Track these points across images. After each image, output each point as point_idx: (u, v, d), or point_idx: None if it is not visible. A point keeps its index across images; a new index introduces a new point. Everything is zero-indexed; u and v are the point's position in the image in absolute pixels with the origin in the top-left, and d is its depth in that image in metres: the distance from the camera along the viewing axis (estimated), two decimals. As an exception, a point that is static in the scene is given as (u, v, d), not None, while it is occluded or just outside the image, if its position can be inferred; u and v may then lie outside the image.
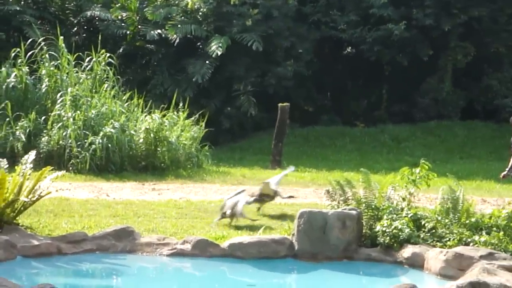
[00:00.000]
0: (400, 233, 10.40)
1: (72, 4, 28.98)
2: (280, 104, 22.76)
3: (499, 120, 29.09)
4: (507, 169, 13.63)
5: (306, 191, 17.41)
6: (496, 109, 29.33)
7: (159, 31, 27.66)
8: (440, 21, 28.74)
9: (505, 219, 10.72)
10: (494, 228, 10.58)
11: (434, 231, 10.60)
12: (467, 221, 10.73)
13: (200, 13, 28.35)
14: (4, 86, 20.64)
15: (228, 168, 21.30)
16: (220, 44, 26.83)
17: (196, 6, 28.23)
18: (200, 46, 28.31)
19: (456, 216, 10.79)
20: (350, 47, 31.82)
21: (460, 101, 30.14)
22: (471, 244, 10.17)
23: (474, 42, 29.50)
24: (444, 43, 29.44)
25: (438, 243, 10.38)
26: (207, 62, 27.32)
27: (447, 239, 10.38)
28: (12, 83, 20.76)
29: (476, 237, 10.27)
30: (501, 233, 10.38)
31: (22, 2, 28.07)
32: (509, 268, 9.35)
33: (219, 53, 26.61)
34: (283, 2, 29.03)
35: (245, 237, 10.72)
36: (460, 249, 9.81)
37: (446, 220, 10.76)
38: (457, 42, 29.40)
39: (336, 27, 29.48)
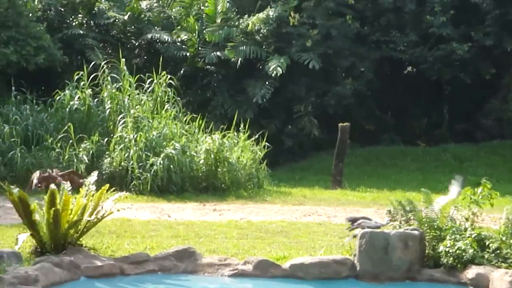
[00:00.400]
0: (463, 254, 10.26)
1: (133, 27, 29.34)
2: (340, 124, 22.70)
3: None
4: None
5: (368, 211, 17.28)
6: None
7: (218, 53, 27.83)
8: (502, 40, 28.38)
9: None
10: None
11: (498, 251, 10.44)
12: (532, 242, 10.54)
13: (260, 35, 28.47)
14: (67, 109, 21.05)
15: (288, 188, 21.28)
16: (279, 63, 26.90)
17: (256, 28, 28.36)
18: (260, 67, 28.40)
19: (522, 236, 10.61)
20: (410, 67, 31.59)
21: (524, 121, 29.71)
22: (539, 264, 10.00)
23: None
24: (507, 62, 29.05)
25: (503, 263, 10.21)
26: (267, 83, 27.39)
27: (512, 260, 10.21)
28: (76, 106, 21.14)
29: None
30: None
31: (85, 26, 28.55)
32: None
33: (279, 72, 26.66)
34: (342, 22, 29.00)
35: (306, 258, 10.69)
36: (526, 270, 9.64)
37: (511, 241, 10.58)
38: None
39: (396, 48, 29.31)
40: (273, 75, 26.84)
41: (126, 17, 28.77)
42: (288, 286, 10.15)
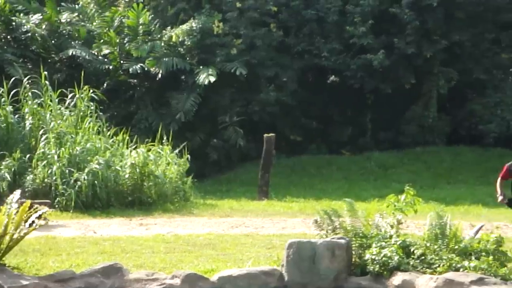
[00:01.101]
0: (389, 261, 10.35)
1: (53, 41, 28.95)
2: (265, 135, 22.76)
3: (484, 144, 29.20)
4: (499, 195, 13.53)
5: (294, 221, 17.34)
6: (480, 134, 29.44)
7: (141, 64, 27.66)
8: (422, 48, 28.91)
9: (494, 244, 10.68)
10: (483, 253, 10.55)
11: (423, 257, 10.55)
12: (456, 247, 10.70)
13: (184, 46, 28.41)
14: (-13, 126, 20.56)
15: (215, 200, 21.23)
16: (209, 72, 26.93)
17: (180, 39, 28.28)
18: (184, 79, 28.33)
19: (445, 241, 10.76)
20: (333, 75, 32.00)
21: (445, 127, 30.26)
22: (461, 269, 10.13)
23: (457, 67, 29.67)
24: (427, 70, 29.61)
25: (428, 269, 10.32)
26: (191, 96, 27.33)
27: (437, 265, 10.33)
28: (-4, 123, 20.67)
29: (466, 263, 10.22)
30: (490, 257, 10.34)
31: (3, 41, 28.04)
32: (500, 293, 9.33)
33: (212, 80, 26.66)
34: (266, 31, 29.15)
35: (234, 270, 10.64)
36: (450, 275, 9.76)
37: (435, 246, 10.72)
38: (440, 68, 29.58)
39: (320, 55, 29.59)
40: (205, 84, 26.78)
41: (44, 30, 28.33)
42: (216, 299, 10.08)
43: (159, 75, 27.83)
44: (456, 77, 29.60)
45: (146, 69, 27.75)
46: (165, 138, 21.52)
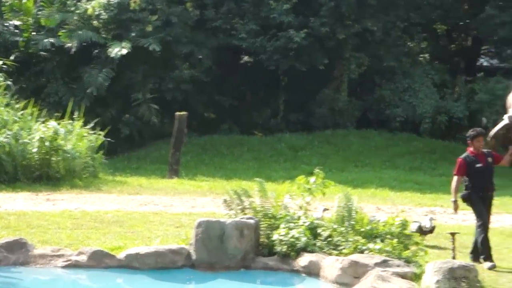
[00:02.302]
0: (297, 242, 10.47)
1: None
2: (177, 113, 22.65)
3: (391, 129, 29.76)
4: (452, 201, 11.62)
5: (204, 200, 17.36)
6: (388, 118, 30.00)
7: (53, 39, 27.09)
8: (335, 31, 29.19)
9: (398, 227, 10.93)
10: (388, 236, 10.78)
11: (330, 239, 10.72)
12: (362, 229, 10.89)
13: (100, 20, 27.99)
14: None
15: (125, 177, 21.05)
16: (122, 46, 26.60)
17: (96, 13, 27.84)
18: (97, 54, 27.92)
19: (351, 224, 10.93)
20: (248, 56, 32.04)
21: (355, 110, 30.69)
22: (366, 251, 10.33)
23: (368, 53, 30.08)
24: (339, 53, 29.93)
25: (334, 251, 10.49)
26: (104, 70, 26.97)
27: (343, 247, 10.50)
28: None
29: (371, 245, 10.43)
30: (395, 240, 10.57)
31: None
32: (402, 275, 9.54)
33: (124, 53, 26.34)
34: (183, 9, 28.95)
35: (142, 248, 10.60)
36: (355, 257, 9.94)
37: (342, 228, 10.88)
38: (352, 53, 29.94)
39: (236, 36, 29.57)
40: (117, 57, 26.43)
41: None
42: (123, 277, 10.04)
43: (73, 49, 27.30)
44: (367, 62, 30.02)
45: (58, 44, 27.16)
46: (76, 113, 21.19)
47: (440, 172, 25.33)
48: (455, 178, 11.62)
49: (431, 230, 12.56)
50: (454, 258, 10.71)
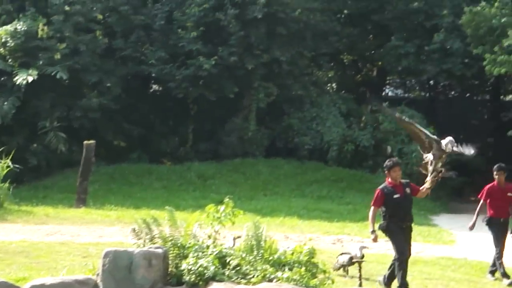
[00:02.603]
0: (205, 271, 10.46)
1: None
2: (85, 142, 22.43)
3: (300, 157, 30.08)
4: (371, 232, 11.88)
5: (112, 229, 17.20)
6: (297, 147, 30.32)
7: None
8: (244, 60, 29.42)
9: (306, 255, 11.03)
10: (296, 264, 10.87)
11: (239, 268, 10.73)
12: (271, 258, 10.95)
13: (7, 47, 27.53)
14: None
15: (31, 207, 20.68)
16: (29, 73, 26.24)
17: (3, 40, 27.40)
18: (3, 82, 27.44)
19: (260, 253, 10.99)
20: (157, 85, 31.92)
21: (264, 139, 30.91)
22: (275, 280, 10.38)
23: (276, 82, 30.39)
24: (248, 83, 30.14)
25: (243, 280, 10.50)
26: (10, 99, 26.52)
27: (252, 276, 10.53)
28: None
29: (279, 274, 10.49)
30: (303, 269, 10.67)
31: None
32: (310, 302, 9.63)
33: (30, 80, 25.98)
34: (92, 37, 28.74)
35: (48, 278, 10.41)
36: (264, 285, 9.99)
37: (251, 257, 10.92)
38: (261, 82, 30.19)
39: (146, 62, 29.47)
40: (23, 85, 26.05)
41: None
42: (27, 309, 9.83)
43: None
44: (275, 92, 30.31)
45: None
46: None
47: (347, 201, 25.71)
48: (372, 208, 11.75)
49: (362, 258, 12.68)
50: (360, 285, 10.89)
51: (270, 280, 10.38)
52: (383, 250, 16.89)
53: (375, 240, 11.66)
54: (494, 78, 28.50)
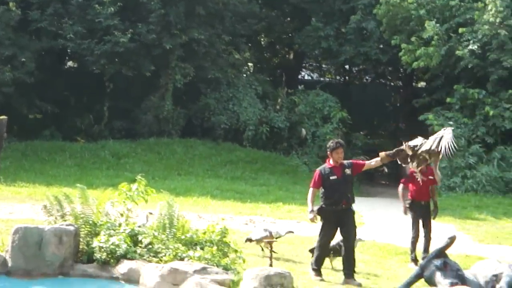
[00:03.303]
0: (117, 249, 10.47)
1: None
2: (-3, 117, 21.98)
3: (215, 137, 30.15)
4: (309, 212, 11.61)
5: (23, 206, 16.97)
6: (213, 126, 30.37)
7: None
8: (162, 40, 29.24)
9: (218, 235, 11.15)
10: (208, 244, 10.97)
11: (150, 246, 10.78)
12: (183, 237, 11.02)
13: None
14: None
15: None
16: None
17: None
18: None
19: (172, 231, 11.05)
20: (72, 61, 31.37)
21: (180, 119, 30.83)
22: (186, 259, 10.47)
23: (194, 63, 30.31)
24: (166, 62, 29.97)
25: (154, 258, 10.56)
26: None
27: (163, 254, 10.60)
28: None
29: (191, 252, 10.58)
30: (214, 248, 10.78)
31: None
32: (220, 282, 9.74)
33: None
34: (4, 9, 28.06)
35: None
36: (175, 264, 10.05)
37: (163, 236, 10.98)
38: (178, 62, 30.05)
39: (64, 36, 28.91)
40: None
41: None
42: None
43: None
44: (192, 73, 30.22)
45: None
46: None
47: (261, 182, 25.92)
48: (310, 190, 11.70)
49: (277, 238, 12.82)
50: (271, 265, 11.05)
51: (182, 259, 10.45)
52: (295, 231, 17.15)
53: (312, 220, 11.57)
54: (407, 65, 29.05)
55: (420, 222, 14.00)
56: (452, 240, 10.88)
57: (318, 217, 11.68)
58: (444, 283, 10.25)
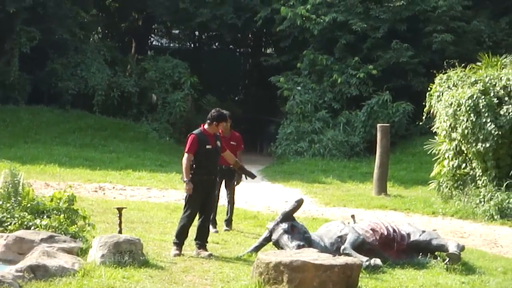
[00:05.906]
0: None
1: None
2: None
3: (63, 103, 29.50)
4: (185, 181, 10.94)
5: None
6: (60, 93, 29.69)
7: None
8: (5, 3, 28.15)
9: (66, 202, 10.96)
10: (55, 211, 10.78)
11: (-6, 215, 10.50)
12: (29, 205, 10.79)
13: None
14: None
15: None
16: None
17: None
18: None
19: (17, 200, 10.80)
20: None
21: (26, 85, 29.96)
22: (33, 227, 10.27)
23: (40, 27, 29.39)
24: (10, 27, 28.94)
25: (-1, 228, 10.31)
26: None
27: (8, 223, 10.36)
28: None
29: (38, 221, 10.39)
30: (62, 216, 10.61)
31: None
32: (68, 250, 9.62)
33: None
34: None
35: None
36: (21, 233, 9.85)
37: (8, 205, 10.72)
38: (22, 26, 29.04)
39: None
40: None
41: None
42: None
43: None
44: (38, 36, 29.30)
45: None
46: None
47: (111, 149, 25.68)
48: (186, 156, 10.95)
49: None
50: (120, 232, 10.96)
51: (28, 228, 10.25)
52: (145, 198, 17.13)
53: (189, 190, 10.88)
54: (255, 31, 29.34)
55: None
56: (299, 203, 11.13)
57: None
58: (291, 245, 10.49)
